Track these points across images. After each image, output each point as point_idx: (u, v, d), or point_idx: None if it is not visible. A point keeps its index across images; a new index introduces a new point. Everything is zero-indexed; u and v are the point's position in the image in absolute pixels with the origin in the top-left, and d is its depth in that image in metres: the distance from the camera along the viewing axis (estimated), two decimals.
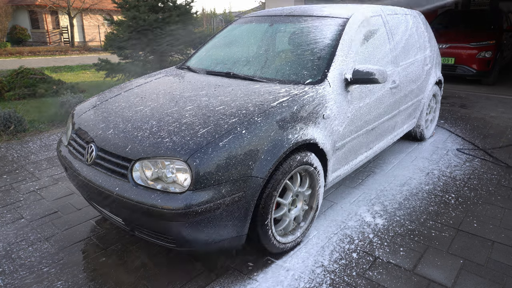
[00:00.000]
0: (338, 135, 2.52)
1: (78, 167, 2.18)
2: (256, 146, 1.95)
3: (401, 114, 3.50)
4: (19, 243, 2.47)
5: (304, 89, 2.38)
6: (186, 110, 2.21)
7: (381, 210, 2.86)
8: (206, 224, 1.84)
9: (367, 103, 2.80)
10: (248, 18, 3.57)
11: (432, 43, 4.25)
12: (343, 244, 2.43)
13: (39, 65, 12.28)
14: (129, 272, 2.18)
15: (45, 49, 20.03)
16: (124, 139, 2.05)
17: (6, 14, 21.69)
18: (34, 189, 3.25)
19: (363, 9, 3.13)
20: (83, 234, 2.57)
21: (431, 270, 2.18)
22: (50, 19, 24.75)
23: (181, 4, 7.65)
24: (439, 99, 4.60)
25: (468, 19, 8.73)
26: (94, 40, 26.66)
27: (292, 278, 2.12)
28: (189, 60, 3.43)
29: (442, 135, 4.65)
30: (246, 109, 2.13)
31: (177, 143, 1.90)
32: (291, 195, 2.29)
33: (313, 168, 2.33)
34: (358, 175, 3.47)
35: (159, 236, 1.97)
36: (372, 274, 2.15)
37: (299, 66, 2.64)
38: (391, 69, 3.20)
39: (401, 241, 2.47)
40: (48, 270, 2.20)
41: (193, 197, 1.78)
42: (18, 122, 4.73)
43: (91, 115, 2.45)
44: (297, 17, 3.13)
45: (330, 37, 2.76)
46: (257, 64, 2.76)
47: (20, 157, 3.99)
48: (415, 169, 3.62)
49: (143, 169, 1.91)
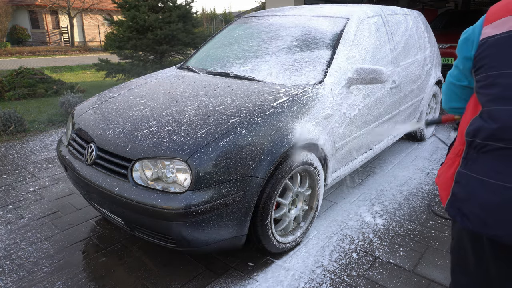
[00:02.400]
0: (338, 135, 2.52)
1: (78, 167, 2.18)
2: (256, 146, 1.95)
3: (401, 114, 3.50)
4: (19, 243, 2.47)
5: (304, 89, 2.38)
6: (186, 110, 2.21)
7: (381, 210, 2.86)
8: (206, 224, 1.84)
9: (367, 103, 2.80)
10: (248, 18, 3.57)
11: (432, 43, 4.25)
12: (343, 244, 2.43)
13: (39, 65, 12.28)
14: (129, 272, 2.18)
15: (45, 49, 20.03)
16: (124, 139, 2.05)
17: (6, 14, 21.70)
18: (34, 189, 3.25)
19: (363, 9, 3.13)
20: (83, 234, 2.57)
21: (431, 270, 2.18)
22: (50, 19, 24.75)
23: (181, 4, 7.66)
24: (439, 99, 4.60)
25: (468, 19, 8.70)
26: (94, 40, 26.66)
27: (292, 278, 2.12)
28: (189, 60, 3.43)
29: (442, 135, 4.65)
30: (246, 109, 2.13)
31: (177, 143, 1.90)
32: (291, 195, 2.28)
33: (313, 168, 2.33)
34: (358, 175, 3.47)
35: (159, 236, 1.97)
36: (372, 274, 2.15)
37: (299, 66, 2.64)
38: (391, 69, 3.20)
39: (401, 241, 2.47)
40: (48, 270, 2.20)
41: (193, 197, 1.78)
42: (18, 122, 4.73)
43: (91, 115, 2.45)
44: (297, 17, 3.13)
45: (330, 37, 2.76)
46: (257, 64, 2.76)
47: (20, 157, 3.99)
48: (415, 169, 3.62)
49: (143, 169, 1.91)
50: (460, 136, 1.16)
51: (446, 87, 1.33)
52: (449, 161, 1.20)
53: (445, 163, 1.22)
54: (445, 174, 1.19)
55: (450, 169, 1.17)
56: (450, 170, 1.17)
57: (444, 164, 1.23)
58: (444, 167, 1.21)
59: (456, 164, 1.14)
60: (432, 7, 13.89)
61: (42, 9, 23.70)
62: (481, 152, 1.06)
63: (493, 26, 1.07)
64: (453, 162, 1.17)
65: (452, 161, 1.18)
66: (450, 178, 1.15)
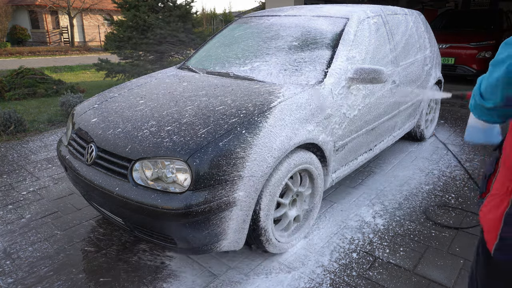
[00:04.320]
0: (338, 135, 2.52)
1: (78, 167, 2.18)
2: (256, 146, 1.95)
3: (401, 114, 3.50)
4: (19, 243, 2.47)
5: (304, 89, 2.38)
6: (186, 110, 2.21)
7: (381, 210, 2.86)
8: (206, 224, 1.84)
9: (367, 103, 2.80)
10: (248, 18, 3.57)
11: (432, 43, 4.25)
12: (343, 244, 2.43)
13: (39, 65, 12.28)
14: (129, 272, 2.18)
15: (45, 49, 20.03)
16: (124, 139, 2.05)
17: (6, 14, 21.69)
18: (34, 189, 3.25)
19: (363, 9, 3.13)
20: (83, 234, 2.57)
21: (431, 270, 2.18)
22: (50, 19, 24.75)
23: (181, 4, 7.66)
24: (439, 100, 4.59)
25: (468, 19, 8.73)
26: (94, 40, 26.66)
27: (292, 278, 2.12)
28: (189, 60, 3.43)
29: (442, 135, 4.64)
30: (246, 109, 2.13)
31: (177, 143, 1.90)
32: (291, 195, 2.29)
33: (313, 168, 2.33)
34: (358, 175, 3.47)
35: (159, 236, 1.97)
36: (372, 274, 2.15)
37: (299, 66, 2.64)
38: (391, 69, 3.20)
39: (401, 241, 2.47)
40: (48, 270, 2.20)
41: (193, 197, 1.78)
42: (18, 122, 4.73)
43: (91, 115, 2.45)
44: (297, 17, 3.13)
45: (330, 37, 2.76)
46: (257, 64, 2.76)
47: (20, 157, 3.99)
48: (415, 169, 3.62)
49: (143, 169, 1.91)
50: (507, 171, 1.02)
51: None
52: (496, 199, 1.06)
53: (491, 200, 1.09)
54: (492, 214, 1.06)
55: (498, 209, 1.04)
56: (498, 210, 1.04)
57: (489, 200, 1.09)
58: (490, 204, 1.08)
59: (505, 204, 1.02)
60: (432, 7, 13.89)
61: (42, 9, 23.69)
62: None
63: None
64: (501, 200, 1.04)
65: (501, 199, 1.04)
66: (498, 220, 1.03)
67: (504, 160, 1.06)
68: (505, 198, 1.03)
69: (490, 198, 1.10)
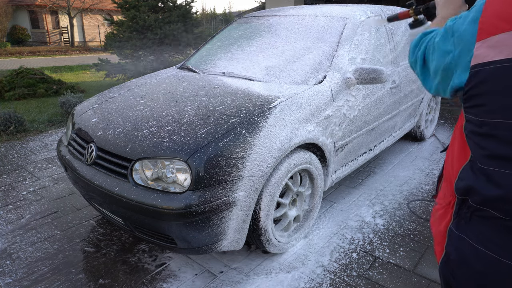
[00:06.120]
0: (338, 135, 2.52)
1: (78, 167, 2.18)
2: (256, 146, 1.95)
3: (401, 114, 3.50)
4: (19, 243, 2.47)
5: (304, 89, 2.37)
6: (186, 110, 2.21)
7: (381, 210, 2.86)
8: (206, 224, 1.84)
9: (367, 103, 2.80)
10: (248, 18, 3.57)
11: None
12: (343, 244, 2.43)
13: (39, 65, 12.28)
14: (129, 272, 2.18)
15: (45, 49, 20.03)
16: (124, 139, 2.05)
17: (6, 14, 21.69)
18: (34, 189, 3.25)
19: (363, 9, 3.13)
20: (83, 234, 2.57)
21: (431, 270, 2.18)
22: (50, 19, 24.74)
23: (181, 4, 7.66)
24: (439, 99, 4.60)
25: None
26: (94, 40, 26.66)
27: (292, 278, 2.12)
28: (189, 60, 3.43)
29: (442, 135, 4.65)
30: (246, 109, 2.13)
31: (177, 143, 1.90)
32: (291, 195, 2.29)
33: (313, 168, 2.33)
34: (358, 175, 3.47)
35: (159, 236, 1.97)
36: (372, 274, 2.15)
37: (299, 66, 2.64)
38: (391, 69, 3.20)
39: (401, 241, 2.47)
40: (48, 270, 2.20)
41: (193, 197, 1.78)
42: (18, 122, 4.73)
43: (91, 115, 2.45)
44: (297, 17, 3.13)
45: (330, 37, 2.76)
46: (257, 64, 2.76)
47: (20, 157, 3.99)
48: (415, 169, 3.62)
49: (143, 169, 1.90)
50: (449, 184, 0.96)
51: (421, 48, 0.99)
52: (441, 209, 1.01)
53: (438, 209, 1.03)
54: (438, 225, 1.02)
55: (442, 221, 0.99)
56: (442, 223, 0.99)
57: (436, 209, 1.04)
58: (438, 214, 1.02)
59: (448, 218, 0.97)
60: None
61: (42, 9, 23.68)
62: (475, 215, 0.88)
63: (492, 45, 0.76)
64: (445, 212, 0.99)
65: (445, 210, 0.99)
66: (443, 232, 0.98)
67: (446, 174, 1.00)
68: (448, 211, 0.97)
69: (437, 207, 1.04)
